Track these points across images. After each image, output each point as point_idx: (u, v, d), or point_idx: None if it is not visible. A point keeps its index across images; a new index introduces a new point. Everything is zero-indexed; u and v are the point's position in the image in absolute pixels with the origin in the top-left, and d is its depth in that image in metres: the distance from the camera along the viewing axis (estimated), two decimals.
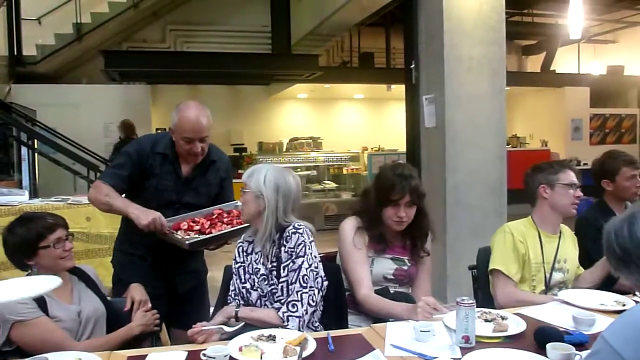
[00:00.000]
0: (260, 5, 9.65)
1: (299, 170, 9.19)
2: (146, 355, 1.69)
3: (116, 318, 2.12)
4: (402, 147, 9.59)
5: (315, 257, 2.05)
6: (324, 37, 9.42)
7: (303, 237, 2.03)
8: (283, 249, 2.03)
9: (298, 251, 2.01)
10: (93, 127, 8.34)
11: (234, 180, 2.66)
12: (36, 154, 6.05)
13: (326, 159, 9.58)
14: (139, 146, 2.44)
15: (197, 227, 2.33)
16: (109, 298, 2.21)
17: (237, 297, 2.12)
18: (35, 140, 5.95)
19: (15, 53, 8.36)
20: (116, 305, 2.17)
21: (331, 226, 8.46)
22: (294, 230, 2.03)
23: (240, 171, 8.85)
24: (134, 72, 8.32)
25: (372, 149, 10.52)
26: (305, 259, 2.00)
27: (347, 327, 2.14)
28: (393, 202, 2.20)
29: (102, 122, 8.45)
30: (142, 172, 2.39)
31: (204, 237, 2.30)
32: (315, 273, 2.01)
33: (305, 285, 1.97)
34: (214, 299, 2.41)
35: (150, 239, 2.34)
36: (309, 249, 2.02)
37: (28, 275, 2.01)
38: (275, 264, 2.05)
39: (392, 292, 2.22)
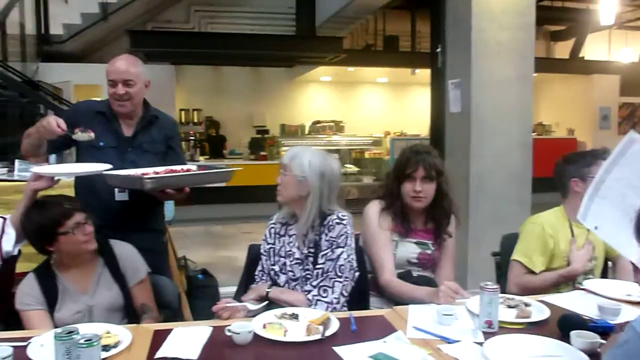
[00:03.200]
0: None
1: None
2: (171, 329, 1.72)
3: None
4: (425, 132, 9.63)
5: (353, 248, 2.05)
6: (348, 19, 9.34)
7: (346, 228, 2.03)
8: (324, 236, 2.03)
9: (339, 241, 2.01)
10: None
11: (267, 162, 2.63)
12: None
13: (348, 143, 9.56)
14: (74, 107, 2.49)
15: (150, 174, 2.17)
16: None
17: (264, 277, 2.14)
18: None
19: (43, 32, 8.44)
20: None
21: (352, 209, 8.31)
22: (337, 220, 2.03)
23: (262, 153, 8.93)
24: (159, 52, 8.35)
25: (395, 133, 10.47)
26: (345, 249, 2.01)
27: (368, 309, 2.16)
28: (407, 176, 2.23)
29: None
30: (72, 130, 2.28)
31: (163, 175, 2.16)
32: (350, 264, 2.02)
33: (340, 275, 1.99)
34: (235, 277, 2.43)
35: (96, 205, 2.19)
36: (350, 240, 2.03)
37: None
38: (312, 250, 2.05)
39: (414, 275, 2.23)
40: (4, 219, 2.13)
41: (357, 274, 2.06)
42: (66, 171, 2.11)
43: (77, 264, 2.00)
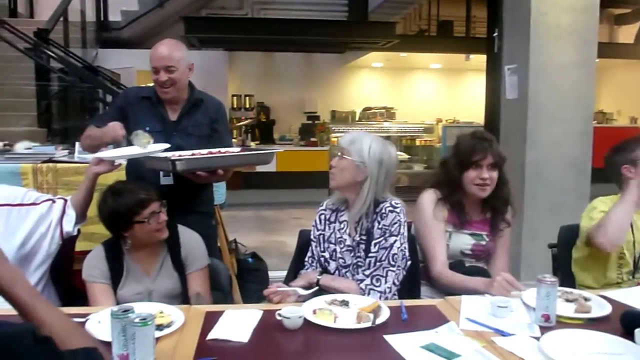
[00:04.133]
0: None
1: None
2: (223, 311, 1.74)
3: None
4: (479, 119, 9.32)
5: (406, 236, 2.02)
6: (401, 4, 9.21)
7: (399, 216, 2.00)
8: (376, 224, 2.00)
9: (392, 229, 1.98)
10: None
11: (317, 148, 2.60)
12: None
13: (399, 130, 9.44)
14: (124, 94, 2.53)
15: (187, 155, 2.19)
16: None
17: (313, 264, 2.13)
18: None
19: (102, 19, 8.68)
20: None
21: (402, 197, 8.33)
22: (390, 208, 2.00)
23: (312, 139, 8.94)
24: (212, 38, 8.46)
25: (447, 120, 10.27)
26: (398, 238, 1.98)
27: (419, 298, 2.13)
28: (474, 163, 2.15)
29: None
30: (127, 117, 2.37)
31: (192, 157, 2.15)
32: (403, 253, 2.00)
33: (393, 263, 1.96)
34: (285, 261, 2.43)
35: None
36: (403, 228, 2.00)
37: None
38: (364, 237, 2.03)
39: (466, 265, 2.17)
40: (65, 200, 2.20)
41: (409, 262, 2.03)
42: (126, 153, 2.16)
43: (145, 246, 2.05)
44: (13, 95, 6.42)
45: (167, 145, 2.17)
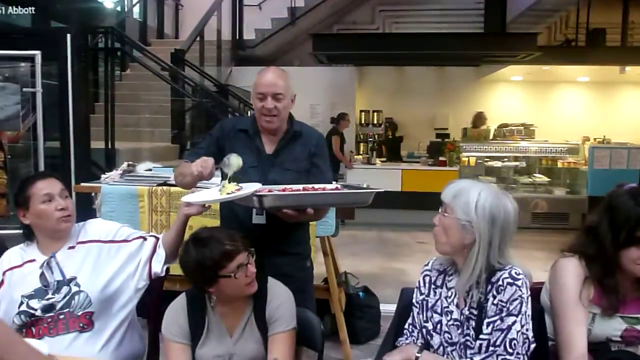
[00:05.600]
0: None
1: (505, 160, 8.47)
2: None
3: None
4: (635, 139, 8.33)
5: (529, 315, 1.62)
6: (545, 13, 8.51)
7: (521, 290, 1.60)
8: (491, 298, 1.63)
9: (511, 308, 1.59)
10: (299, 108, 8.65)
11: (445, 168, 2.30)
12: None
13: (538, 149, 8.65)
14: (220, 126, 2.37)
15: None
16: None
17: (414, 333, 1.81)
18: None
19: (237, 37, 9.03)
20: None
21: (539, 225, 7.67)
22: (510, 280, 1.61)
23: (440, 158, 8.50)
24: (341, 54, 8.40)
25: (595, 139, 9.21)
26: (519, 318, 1.58)
27: None
28: (638, 240, 1.67)
29: (308, 103, 8.73)
30: (223, 150, 2.23)
31: (280, 193, 1.97)
32: (524, 336, 1.60)
33: (511, 351, 1.57)
34: (399, 291, 2.12)
35: (233, 227, 2.06)
36: (525, 306, 1.60)
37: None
38: (475, 312, 1.66)
39: (613, 349, 1.72)
40: (157, 238, 2.12)
41: (532, 346, 1.61)
42: (214, 198, 2.02)
43: (230, 302, 1.87)
44: (151, 112, 6.83)
45: (259, 186, 2.00)
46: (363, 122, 10.06)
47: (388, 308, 3.88)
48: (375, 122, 10.11)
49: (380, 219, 7.37)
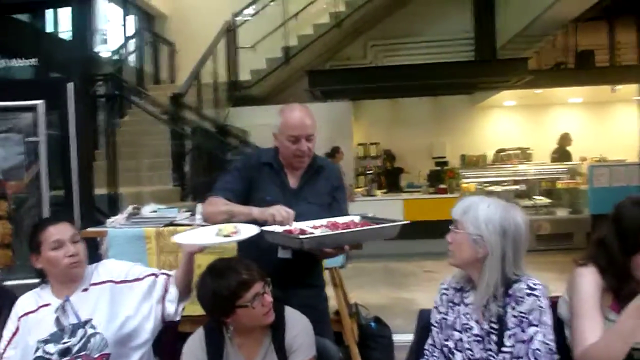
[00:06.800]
0: (460, 11, 9.30)
1: (505, 184, 8.51)
2: None
3: None
4: (631, 156, 8.38)
5: (550, 325, 1.63)
6: (534, 38, 8.69)
7: (539, 300, 1.62)
8: (510, 310, 1.64)
9: (531, 318, 1.61)
10: None
11: (446, 196, 2.33)
12: None
13: (537, 172, 8.70)
14: (245, 159, 2.43)
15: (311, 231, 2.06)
16: None
17: (435, 353, 1.80)
18: None
19: (233, 78, 9.17)
20: None
21: (544, 246, 7.63)
22: (528, 291, 1.63)
23: (441, 186, 8.53)
24: (336, 89, 8.52)
25: (592, 159, 9.29)
26: (540, 329, 1.60)
27: None
28: None
29: None
30: (249, 184, 2.28)
31: (324, 233, 2.01)
32: (547, 347, 1.60)
33: None
34: (412, 322, 2.11)
35: (263, 264, 2.07)
36: (545, 316, 1.62)
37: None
38: (495, 326, 1.67)
39: (636, 358, 1.70)
40: (168, 276, 2.12)
41: (556, 357, 1.62)
42: (211, 242, 1.99)
43: (248, 332, 1.87)
44: (153, 155, 6.88)
45: (257, 229, 1.99)
46: (361, 155, 10.13)
47: (400, 338, 3.85)
48: (373, 154, 10.18)
49: (384, 250, 7.33)
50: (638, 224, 1.71)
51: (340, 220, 2.18)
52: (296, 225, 2.05)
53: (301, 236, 1.93)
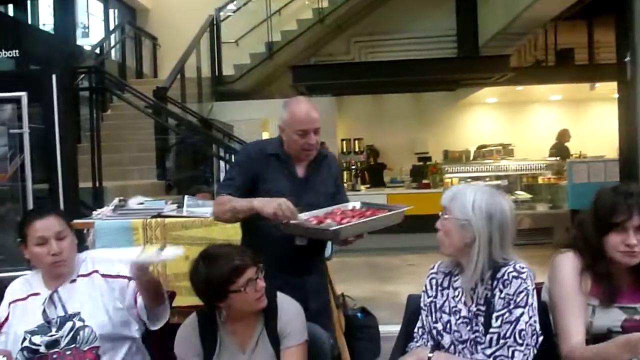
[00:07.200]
0: (443, 9, 9.37)
1: (487, 179, 8.61)
2: None
3: None
4: (609, 153, 8.54)
5: (535, 307, 1.69)
6: (515, 36, 8.80)
7: (526, 283, 1.68)
8: (498, 293, 1.69)
9: (518, 300, 1.66)
10: None
11: (429, 190, 2.46)
12: None
13: (518, 167, 8.83)
14: (246, 152, 2.44)
15: (329, 221, 2.14)
16: None
17: (424, 336, 1.85)
18: (233, 155, 6.36)
19: (217, 73, 9.14)
20: None
21: (524, 241, 7.71)
22: (515, 274, 1.69)
23: (424, 181, 8.62)
24: (320, 85, 8.55)
25: (573, 155, 9.45)
26: (526, 310, 1.65)
27: None
28: (616, 225, 1.75)
29: None
30: (255, 177, 2.31)
31: (358, 221, 2.10)
32: (532, 328, 1.66)
33: (521, 341, 1.63)
34: (397, 314, 2.16)
35: (278, 252, 2.20)
36: (531, 298, 1.68)
37: None
38: (482, 308, 1.72)
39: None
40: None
41: (541, 338, 1.68)
42: (148, 258, 1.91)
43: (241, 318, 1.89)
44: (137, 150, 6.84)
45: (180, 251, 1.95)
46: (345, 150, 10.17)
47: (385, 329, 3.89)
48: (356, 150, 10.23)
49: (368, 244, 7.36)
50: (610, 205, 1.78)
51: (349, 207, 2.31)
52: (307, 215, 2.13)
53: (333, 227, 2.02)
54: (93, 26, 9.85)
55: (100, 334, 1.96)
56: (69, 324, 1.95)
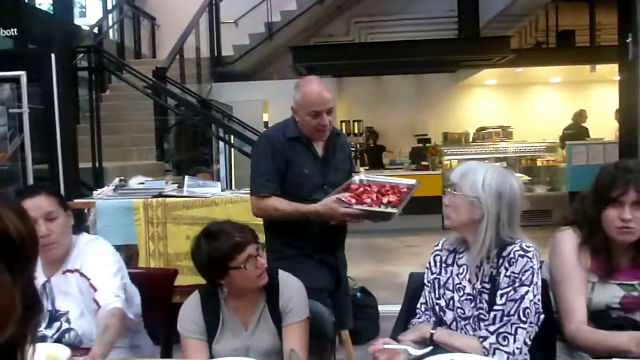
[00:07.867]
0: None
1: (486, 161, 8.60)
2: None
3: None
4: (609, 135, 8.54)
5: (539, 286, 1.71)
6: (516, 17, 8.75)
7: (532, 262, 1.68)
8: (503, 271, 1.70)
9: (523, 278, 1.67)
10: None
11: (429, 172, 2.54)
12: (232, 149, 6.48)
13: (517, 150, 8.83)
14: (269, 142, 2.39)
15: (385, 200, 2.25)
16: None
17: (427, 312, 1.86)
18: (231, 135, 6.36)
19: (216, 54, 9.08)
20: None
21: (523, 222, 7.70)
22: (521, 252, 1.69)
23: (423, 163, 8.62)
24: (321, 65, 8.49)
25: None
26: (531, 288, 1.67)
27: (554, 357, 1.79)
28: (613, 200, 1.76)
29: (289, 116, 8.72)
30: (285, 164, 2.34)
31: (404, 199, 2.25)
32: (536, 306, 1.68)
33: (524, 319, 1.65)
34: (396, 294, 2.21)
35: (315, 232, 2.33)
36: (536, 277, 1.69)
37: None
38: (487, 286, 1.74)
39: (613, 316, 1.79)
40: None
41: (542, 316, 1.69)
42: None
43: (243, 295, 1.90)
44: (136, 131, 6.82)
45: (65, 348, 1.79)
46: (344, 132, 10.16)
47: (385, 309, 3.94)
48: (356, 131, 10.22)
49: (367, 226, 7.40)
50: (610, 180, 1.79)
51: (356, 181, 2.41)
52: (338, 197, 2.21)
53: (389, 210, 2.17)
54: (90, 5, 9.76)
55: (87, 338, 1.94)
56: (56, 324, 1.95)
